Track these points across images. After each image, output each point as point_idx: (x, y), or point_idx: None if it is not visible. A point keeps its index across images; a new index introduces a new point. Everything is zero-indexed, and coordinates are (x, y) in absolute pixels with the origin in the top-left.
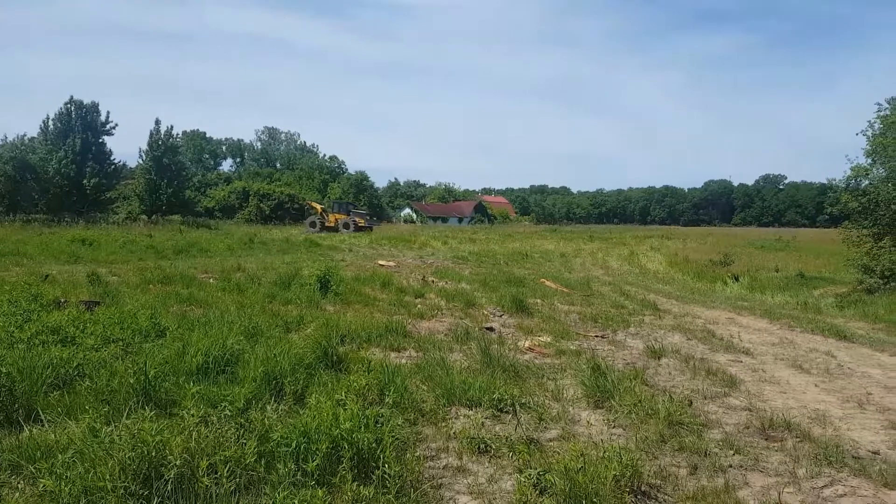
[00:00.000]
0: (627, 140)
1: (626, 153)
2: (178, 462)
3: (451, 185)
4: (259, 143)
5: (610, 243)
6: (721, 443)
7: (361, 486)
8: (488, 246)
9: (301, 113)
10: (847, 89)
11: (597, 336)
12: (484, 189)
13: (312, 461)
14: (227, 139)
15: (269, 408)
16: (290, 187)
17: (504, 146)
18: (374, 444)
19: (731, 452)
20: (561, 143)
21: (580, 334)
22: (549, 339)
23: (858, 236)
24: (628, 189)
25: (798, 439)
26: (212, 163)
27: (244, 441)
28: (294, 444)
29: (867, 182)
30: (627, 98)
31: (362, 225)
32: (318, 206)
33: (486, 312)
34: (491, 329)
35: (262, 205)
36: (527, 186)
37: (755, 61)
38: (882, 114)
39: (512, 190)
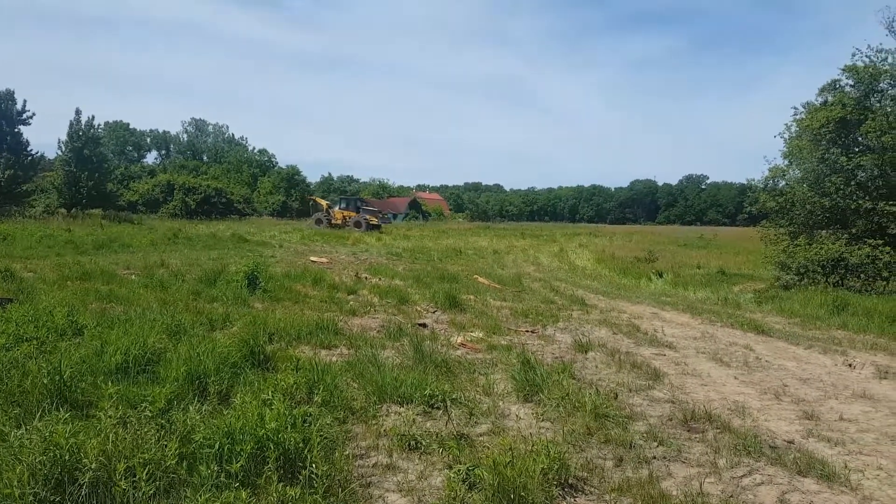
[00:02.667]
0: (558, 139)
1: (558, 152)
2: (93, 465)
3: (385, 180)
4: (185, 135)
5: (541, 240)
6: (645, 435)
7: (287, 487)
8: (422, 242)
9: (230, 105)
10: (766, 93)
11: (527, 331)
12: (419, 185)
13: (236, 462)
14: (151, 131)
15: (191, 408)
16: (217, 181)
17: (439, 143)
18: (301, 444)
19: (655, 444)
20: (495, 140)
21: (511, 330)
22: (480, 335)
23: (776, 234)
24: (559, 188)
25: (718, 430)
26: (135, 155)
27: (165, 443)
28: (217, 445)
29: (784, 183)
30: (558, 97)
31: (374, 223)
32: (324, 202)
33: (419, 309)
34: (424, 325)
35: (187, 199)
36: (461, 183)
37: (680, 64)
38: (798, 118)
39: (447, 187)
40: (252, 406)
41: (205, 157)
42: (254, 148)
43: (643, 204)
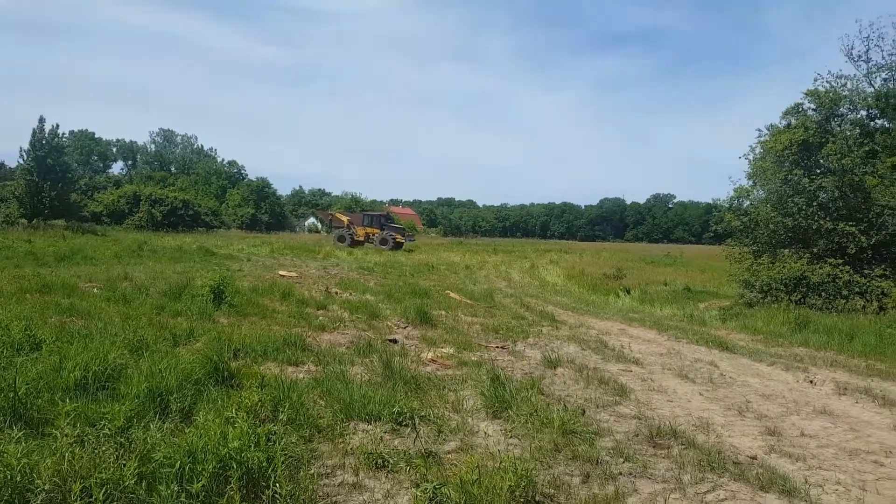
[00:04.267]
0: (531, 156)
1: (530, 169)
2: (46, 486)
3: (358, 194)
4: (153, 146)
5: (513, 256)
6: (612, 450)
7: None
8: (395, 257)
9: (199, 116)
10: (733, 115)
11: (497, 347)
12: (392, 200)
13: (198, 482)
14: (118, 140)
15: (152, 426)
16: (185, 192)
17: (412, 158)
18: (264, 463)
19: (622, 460)
20: (468, 156)
21: (482, 345)
22: (451, 351)
23: (740, 253)
24: (530, 204)
25: (683, 446)
26: (101, 165)
27: (123, 462)
28: (178, 465)
29: (748, 203)
30: (531, 115)
31: (400, 241)
32: (346, 218)
33: (390, 324)
34: (394, 341)
35: (154, 210)
36: (434, 199)
37: (650, 85)
38: (762, 139)
39: (420, 202)
40: (215, 424)
41: (172, 168)
42: (223, 159)
43: (612, 221)
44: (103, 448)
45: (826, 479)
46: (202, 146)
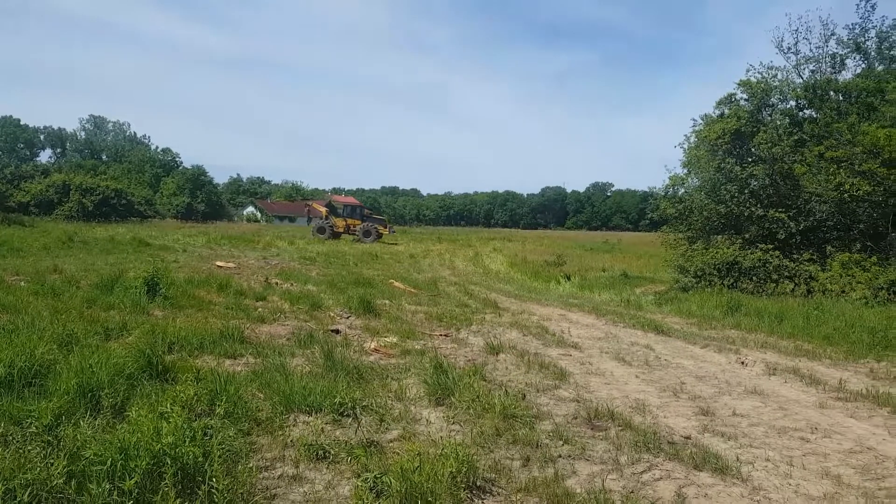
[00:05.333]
0: (474, 146)
1: (473, 159)
2: None
3: (298, 183)
4: (83, 133)
5: (457, 245)
6: (551, 434)
7: (186, 503)
8: (338, 247)
9: (132, 102)
10: (668, 106)
11: (441, 335)
12: (334, 189)
13: (130, 479)
14: (45, 127)
15: (83, 423)
16: (117, 181)
17: (355, 147)
18: (200, 458)
19: (561, 443)
20: (412, 146)
21: (425, 334)
22: (394, 340)
23: (675, 239)
24: (475, 193)
25: (620, 428)
26: (27, 153)
27: (51, 461)
28: (110, 462)
29: (683, 190)
30: (474, 106)
31: (382, 232)
32: (323, 209)
33: (332, 315)
34: (337, 331)
35: (84, 200)
36: (378, 187)
37: (589, 77)
38: (697, 129)
39: (363, 190)
40: (148, 420)
41: (104, 156)
42: (157, 147)
43: (553, 210)
44: (29, 447)
45: (756, 456)
46: (135, 133)
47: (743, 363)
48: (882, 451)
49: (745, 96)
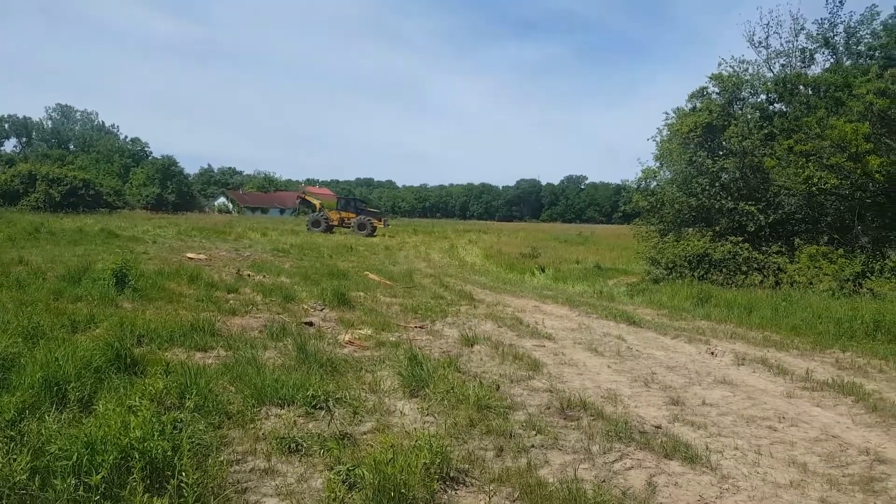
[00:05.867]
0: (450, 138)
1: (449, 151)
2: None
3: (271, 174)
4: (50, 122)
5: (432, 237)
6: (525, 424)
7: (155, 498)
8: (311, 238)
9: (100, 91)
10: (642, 99)
11: (416, 327)
12: (308, 180)
13: (97, 474)
14: (9, 116)
15: (48, 417)
16: (85, 171)
17: (329, 139)
18: (169, 452)
19: (534, 433)
20: (387, 138)
21: (400, 326)
22: (369, 332)
23: (647, 232)
24: (450, 185)
25: (593, 417)
26: None
27: (14, 456)
28: (75, 457)
29: (655, 183)
30: (449, 99)
31: (377, 225)
32: (317, 202)
33: (306, 307)
34: (310, 324)
35: (51, 191)
36: (353, 179)
37: (564, 70)
38: (669, 122)
39: (337, 182)
40: (116, 413)
41: (71, 146)
42: (126, 137)
43: (528, 202)
44: None
45: (725, 445)
46: (103, 123)
47: (713, 353)
48: (846, 439)
49: (716, 90)
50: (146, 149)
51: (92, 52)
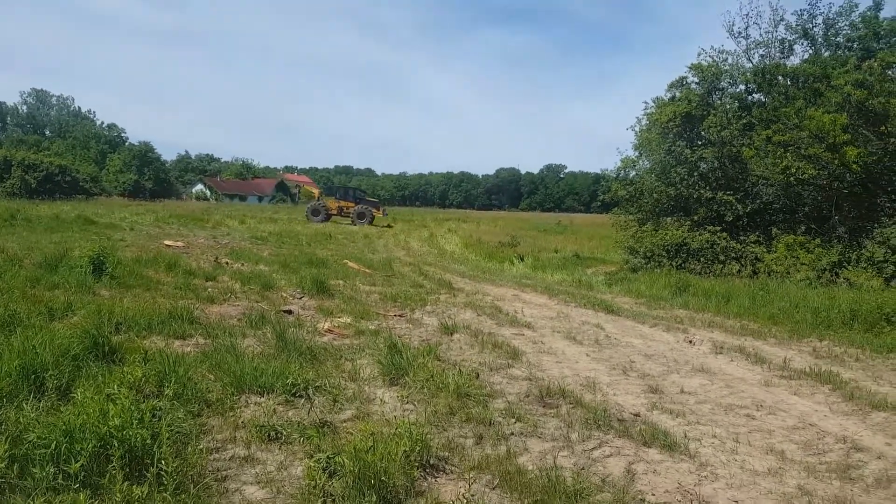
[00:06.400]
0: (429, 127)
1: (428, 139)
2: None
3: (249, 160)
4: (25, 107)
5: (412, 225)
6: (504, 412)
7: (134, 486)
8: (290, 226)
9: (76, 76)
10: (621, 89)
11: (396, 315)
12: (286, 167)
13: (76, 462)
14: None
15: (26, 406)
16: (61, 158)
17: (308, 126)
18: (148, 440)
19: (513, 420)
20: (367, 126)
21: (380, 314)
22: (348, 320)
23: (626, 221)
24: (429, 173)
25: (571, 405)
26: None
27: None
28: (54, 445)
29: (634, 173)
30: (429, 87)
31: (378, 215)
32: (316, 191)
33: (284, 295)
34: (289, 312)
35: (27, 177)
36: (331, 167)
37: (544, 60)
38: (648, 111)
39: (316, 169)
40: (94, 402)
41: (47, 132)
42: (102, 122)
43: (508, 191)
44: None
45: (703, 433)
46: (79, 108)
47: (691, 342)
48: (823, 427)
49: (696, 80)
50: (123, 135)
51: (68, 36)
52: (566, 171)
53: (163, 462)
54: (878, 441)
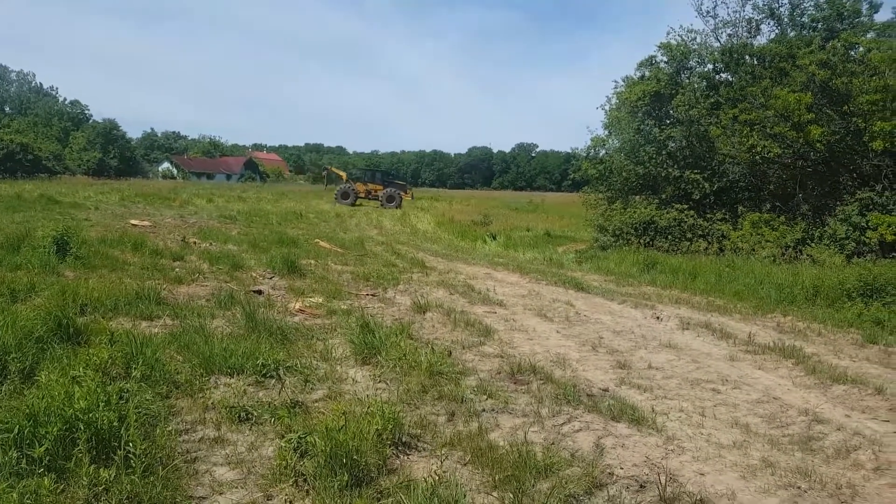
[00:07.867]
0: (401, 104)
1: (400, 117)
2: None
3: (217, 138)
4: None
5: None
6: (476, 388)
7: (101, 469)
8: (259, 205)
9: (36, 50)
10: (591, 67)
11: (368, 295)
12: (255, 145)
13: (41, 446)
14: None
15: None
16: (22, 135)
17: (276, 103)
18: (115, 423)
19: (485, 397)
20: (337, 103)
21: (352, 293)
22: (320, 300)
23: (595, 200)
24: (402, 152)
25: (542, 381)
26: None
27: None
28: (17, 429)
29: (604, 152)
30: (400, 63)
31: (406, 198)
32: (343, 173)
33: (254, 275)
34: (259, 292)
35: None
36: (301, 144)
37: (515, 37)
38: (618, 90)
39: (286, 147)
40: (59, 384)
41: (7, 108)
42: (65, 99)
43: (480, 170)
44: None
45: (671, 407)
46: (41, 84)
47: (658, 318)
48: (787, 400)
49: (665, 59)
50: (86, 112)
51: (27, 8)
52: (538, 150)
53: (130, 444)
54: (837, 413)
